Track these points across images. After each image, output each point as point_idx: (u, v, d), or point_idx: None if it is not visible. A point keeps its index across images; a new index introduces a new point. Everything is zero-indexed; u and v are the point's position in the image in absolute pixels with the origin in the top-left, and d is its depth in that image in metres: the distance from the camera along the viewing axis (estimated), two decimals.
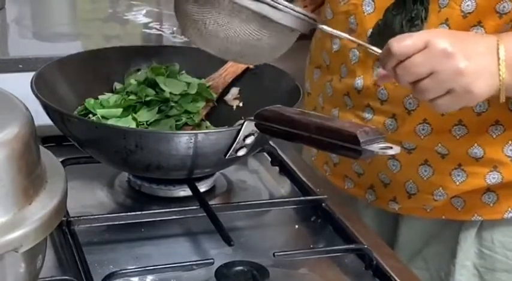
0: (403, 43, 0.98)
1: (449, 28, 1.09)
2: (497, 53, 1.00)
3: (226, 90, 1.25)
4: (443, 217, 1.22)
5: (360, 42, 1.07)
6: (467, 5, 1.08)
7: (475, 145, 1.15)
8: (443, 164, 1.17)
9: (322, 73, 1.27)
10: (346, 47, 1.20)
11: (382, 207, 1.26)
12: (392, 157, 1.18)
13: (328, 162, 1.30)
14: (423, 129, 1.16)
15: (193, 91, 1.20)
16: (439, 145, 1.16)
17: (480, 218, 1.21)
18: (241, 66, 1.24)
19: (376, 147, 0.89)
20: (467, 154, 1.16)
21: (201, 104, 1.20)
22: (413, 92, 1.02)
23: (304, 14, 1.02)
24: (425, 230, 1.27)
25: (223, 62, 1.26)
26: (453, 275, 1.24)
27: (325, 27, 1.06)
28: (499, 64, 1.00)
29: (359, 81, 1.18)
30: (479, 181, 1.17)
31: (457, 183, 1.18)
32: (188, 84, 1.21)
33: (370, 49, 1.04)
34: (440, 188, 1.19)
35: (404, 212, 1.25)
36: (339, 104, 1.23)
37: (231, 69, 1.23)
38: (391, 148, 0.90)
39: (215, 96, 1.22)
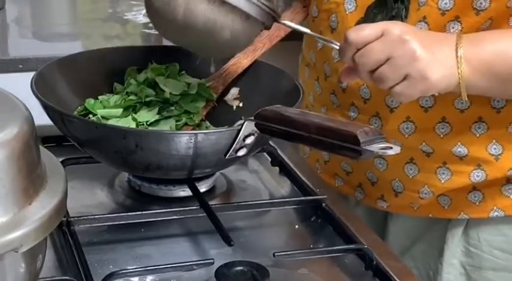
0: (360, 32, 1.01)
1: (428, 25, 1.10)
2: (456, 50, 1.02)
3: (226, 90, 1.25)
4: (430, 215, 1.23)
5: (319, 36, 1.10)
6: (445, 3, 1.09)
7: (459, 143, 1.16)
8: (428, 162, 1.18)
9: (310, 72, 1.28)
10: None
11: (371, 205, 1.27)
12: (379, 156, 1.19)
13: (319, 160, 1.31)
14: (407, 128, 1.17)
15: (193, 91, 1.20)
16: (424, 143, 1.17)
17: (466, 216, 1.21)
18: (242, 66, 1.24)
19: (376, 147, 0.89)
20: (451, 152, 1.17)
21: (201, 104, 1.20)
22: (373, 82, 1.03)
23: (261, 3, 1.05)
24: (413, 229, 1.27)
25: (223, 62, 1.26)
26: (441, 274, 1.25)
27: (287, 22, 1.09)
28: (457, 61, 1.01)
29: None
30: (463, 179, 1.18)
31: (442, 181, 1.19)
32: (188, 84, 1.21)
33: (330, 43, 1.06)
34: (426, 187, 1.20)
35: (392, 210, 1.26)
36: (326, 103, 1.24)
37: (231, 69, 1.23)
38: (391, 148, 0.90)
39: (215, 96, 1.22)
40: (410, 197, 1.22)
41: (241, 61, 1.24)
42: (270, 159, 1.27)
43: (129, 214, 1.07)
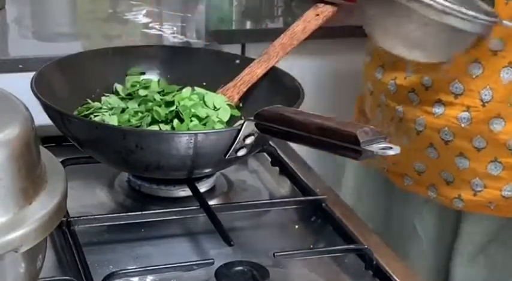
0: None
1: None
2: None
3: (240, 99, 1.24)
4: (510, 216, 1.24)
5: None
6: None
7: None
8: None
9: (386, 71, 1.29)
10: None
11: (445, 204, 1.27)
12: (461, 154, 1.20)
13: (387, 160, 1.33)
14: (497, 123, 1.17)
15: (224, 118, 1.17)
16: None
17: None
18: (256, 76, 1.22)
19: (376, 147, 0.89)
20: None
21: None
22: None
23: (486, 20, 1.05)
24: (489, 228, 1.28)
25: (222, 61, 1.26)
26: None
27: (507, 22, 1.08)
28: None
29: (427, 78, 1.21)
30: None
31: None
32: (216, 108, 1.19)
33: None
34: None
35: (468, 209, 1.26)
36: (403, 101, 1.26)
37: (245, 79, 1.22)
38: (391, 148, 0.90)
39: (238, 113, 1.21)
40: (491, 195, 1.22)
41: (255, 70, 1.23)
42: (270, 159, 1.27)
43: (129, 214, 1.07)
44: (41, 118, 0.98)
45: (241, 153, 1.04)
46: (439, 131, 1.21)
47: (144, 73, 1.27)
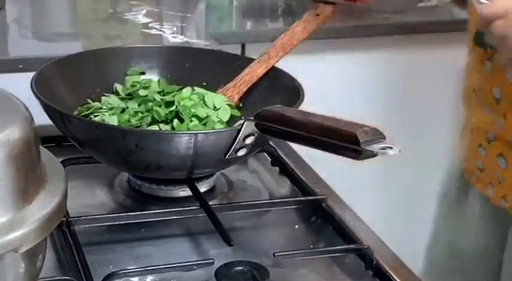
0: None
1: None
2: None
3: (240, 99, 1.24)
4: None
5: None
6: None
7: None
8: None
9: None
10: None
11: (496, 204, 1.27)
12: (501, 154, 1.21)
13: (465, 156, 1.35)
14: None
15: (224, 118, 1.17)
16: None
17: None
18: (256, 75, 1.22)
19: (376, 147, 0.89)
20: None
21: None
22: None
23: None
24: None
25: (222, 61, 1.26)
26: None
27: None
28: None
29: (477, 78, 1.23)
30: None
31: None
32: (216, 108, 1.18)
33: None
34: None
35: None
36: (469, 100, 1.28)
37: (246, 79, 1.22)
38: (391, 148, 0.90)
39: (239, 113, 1.21)
40: None
41: (256, 70, 1.22)
42: (270, 159, 1.27)
43: (129, 214, 1.07)
44: (41, 118, 0.98)
45: (241, 153, 1.04)
46: (486, 132, 1.23)
47: (144, 73, 1.27)
